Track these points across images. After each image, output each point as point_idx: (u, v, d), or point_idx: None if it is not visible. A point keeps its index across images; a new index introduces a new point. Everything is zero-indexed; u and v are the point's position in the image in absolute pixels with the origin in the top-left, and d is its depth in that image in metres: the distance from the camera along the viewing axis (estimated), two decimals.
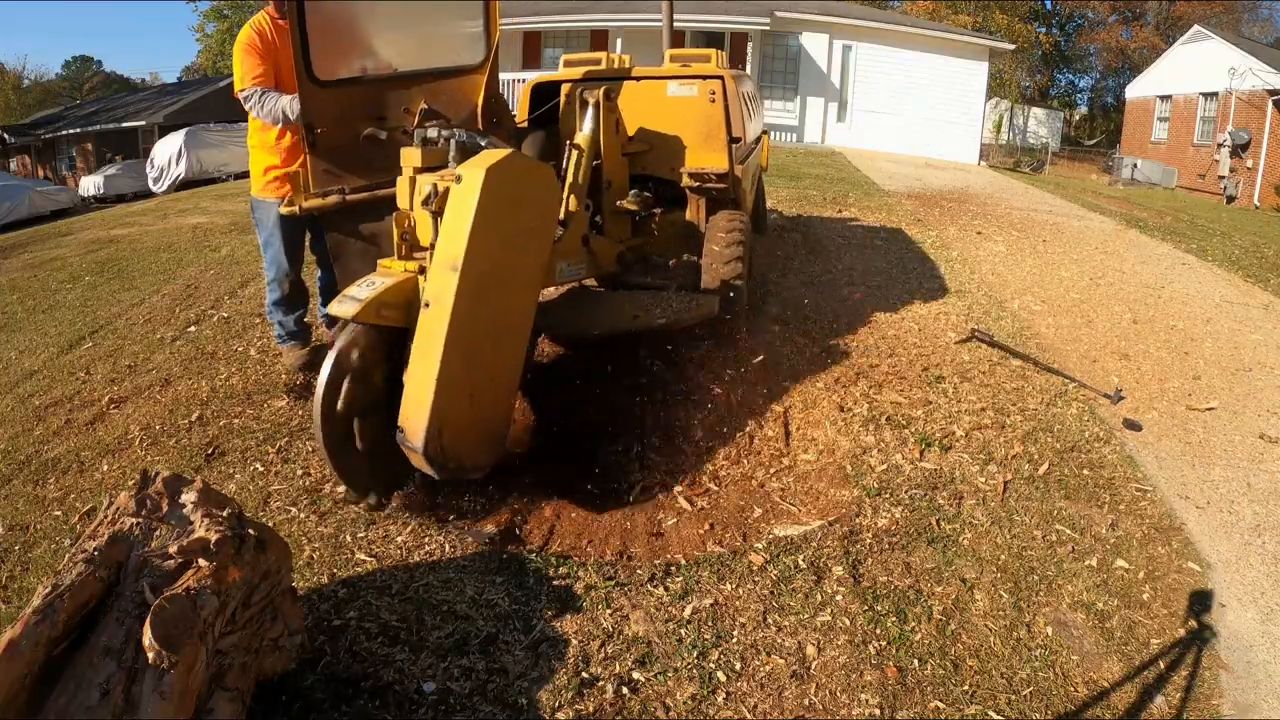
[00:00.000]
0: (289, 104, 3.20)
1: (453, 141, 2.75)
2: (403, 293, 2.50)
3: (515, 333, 2.59)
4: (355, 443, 2.50)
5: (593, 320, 3.25)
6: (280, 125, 3.33)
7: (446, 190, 2.45)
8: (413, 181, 2.64)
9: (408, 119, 3.11)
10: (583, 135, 3.28)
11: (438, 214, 2.47)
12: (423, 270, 2.50)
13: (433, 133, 2.78)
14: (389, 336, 2.52)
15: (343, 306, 2.45)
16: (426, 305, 2.37)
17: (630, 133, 3.70)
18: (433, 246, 2.47)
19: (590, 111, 3.32)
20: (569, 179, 3.19)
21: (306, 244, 3.72)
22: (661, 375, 3.39)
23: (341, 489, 2.83)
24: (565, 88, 3.84)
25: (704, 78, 3.72)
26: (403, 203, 2.67)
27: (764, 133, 5.70)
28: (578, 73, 3.91)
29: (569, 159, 3.22)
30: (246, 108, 3.35)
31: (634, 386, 3.37)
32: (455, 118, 3.22)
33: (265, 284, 3.74)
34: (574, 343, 3.71)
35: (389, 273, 2.56)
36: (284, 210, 3.09)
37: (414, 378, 2.38)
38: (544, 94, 3.99)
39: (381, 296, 2.45)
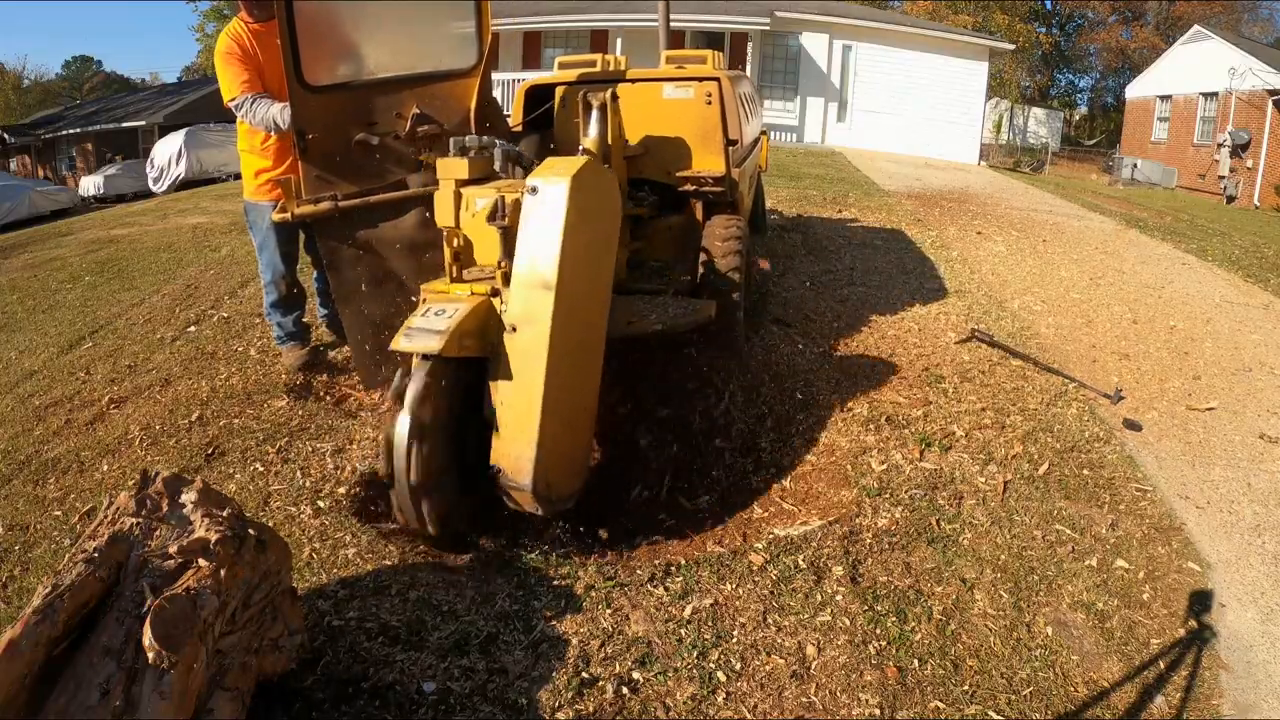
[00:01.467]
0: (279, 112, 3.20)
1: (497, 150, 2.63)
2: (479, 318, 2.28)
3: (595, 350, 2.45)
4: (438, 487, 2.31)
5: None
6: (272, 133, 3.34)
7: (516, 203, 2.28)
8: (458, 195, 2.47)
9: (399, 124, 3.10)
10: (590, 139, 3.24)
11: (507, 229, 2.29)
12: (495, 292, 2.32)
13: (471, 141, 2.64)
14: (462, 369, 2.31)
15: (420, 341, 2.18)
16: (513, 329, 2.22)
17: (626, 136, 3.69)
18: (501, 264, 2.30)
19: (596, 114, 3.30)
20: None
21: (301, 245, 3.73)
22: (660, 377, 3.39)
23: (343, 490, 2.83)
24: (560, 90, 3.82)
25: (700, 79, 3.70)
26: (446, 219, 2.48)
27: (763, 133, 5.69)
28: (572, 75, 3.90)
29: None
30: (238, 115, 3.36)
31: (631, 388, 3.37)
32: (448, 122, 3.19)
33: (262, 286, 3.75)
34: None
35: (452, 297, 2.33)
36: (276, 217, 3.09)
37: (512, 409, 2.22)
38: (539, 97, 3.96)
39: (461, 325, 2.21)
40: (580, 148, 3.17)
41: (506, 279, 2.32)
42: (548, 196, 2.22)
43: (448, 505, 2.36)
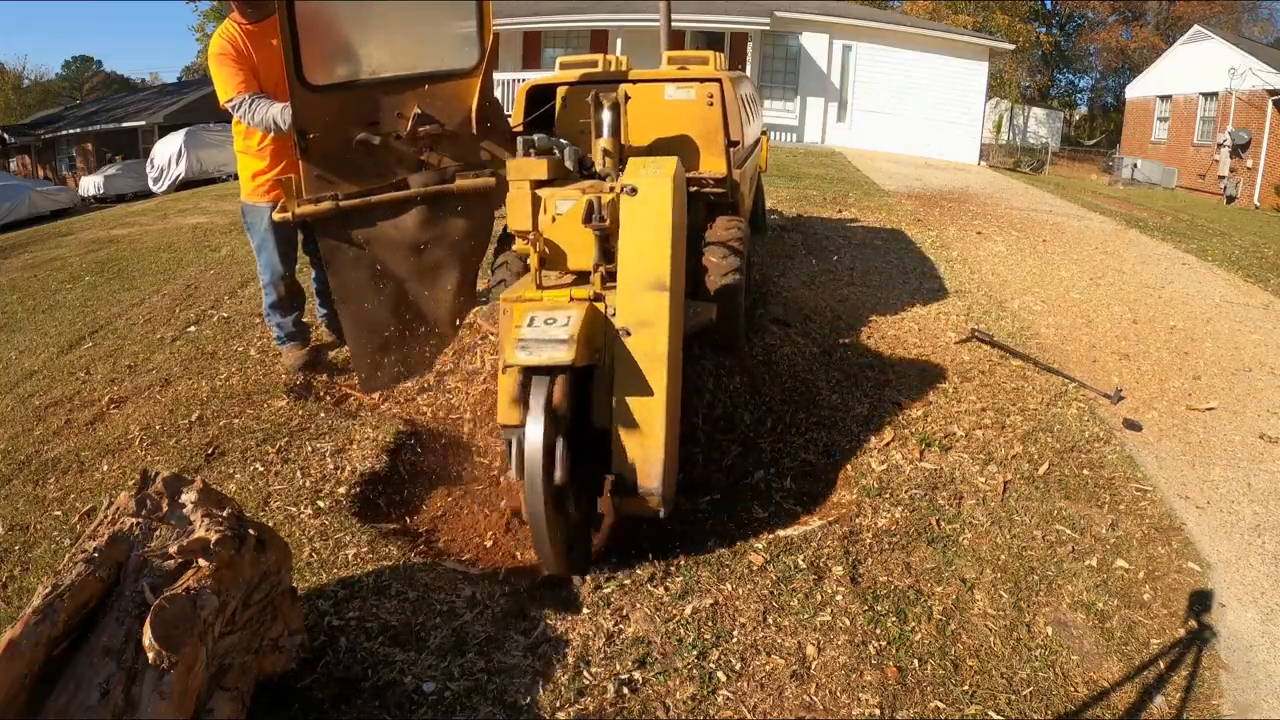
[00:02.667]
0: (279, 113, 3.19)
1: (568, 150, 2.56)
2: (590, 324, 2.19)
3: (680, 349, 2.40)
4: (567, 508, 2.22)
5: None
6: (271, 133, 3.33)
7: (612, 204, 2.22)
8: (536, 198, 2.38)
9: (401, 124, 3.10)
10: (606, 139, 3.18)
11: (607, 231, 2.24)
12: (597, 296, 2.25)
13: (541, 141, 2.56)
14: (578, 378, 2.23)
15: (545, 352, 2.07)
16: (627, 333, 2.19)
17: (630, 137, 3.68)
18: (597, 267, 2.26)
19: (609, 115, 3.27)
20: None
21: (299, 245, 3.72)
22: None
23: (343, 490, 2.83)
24: (562, 90, 3.81)
25: (702, 81, 3.69)
26: (524, 223, 2.38)
27: (763, 133, 5.69)
28: (574, 75, 3.89)
29: (599, 163, 3.11)
30: (236, 116, 3.35)
31: None
32: (449, 122, 3.18)
33: (261, 288, 3.75)
34: None
35: (553, 304, 2.22)
36: (277, 217, 3.08)
37: (635, 414, 2.19)
38: (539, 97, 3.94)
39: (582, 333, 2.13)
40: (601, 148, 3.12)
41: (604, 281, 2.28)
42: (650, 197, 2.19)
43: (572, 525, 2.27)
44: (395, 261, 3.29)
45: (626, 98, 3.24)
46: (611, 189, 2.28)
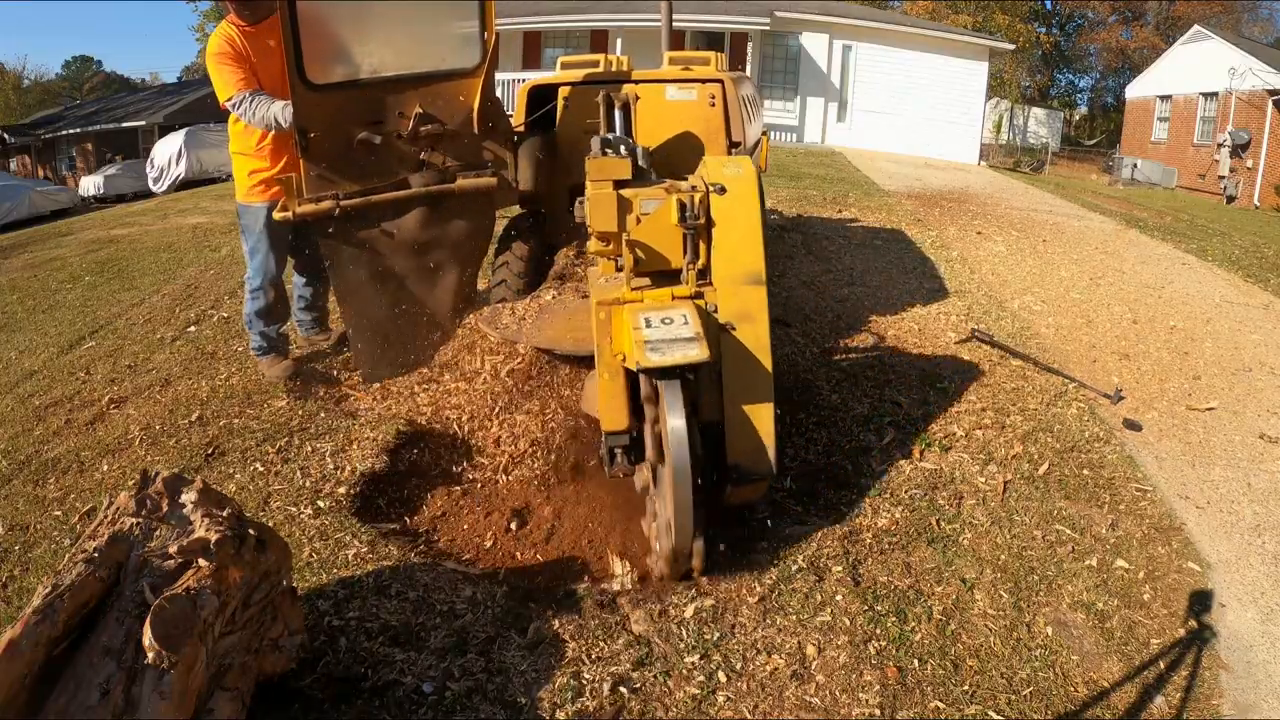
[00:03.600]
0: (280, 111, 3.16)
1: (639, 150, 2.54)
2: (705, 322, 2.21)
3: None
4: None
5: (585, 336, 3.11)
6: (272, 131, 3.29)
7: (703, 202, 2.24)
8: (622, 198, 2.35)
9: (402, 123, 3.09)
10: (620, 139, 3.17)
11: (697, 230, 2.25)
12: (698, 294, 2.27)
13: (614, 140, 2.54)
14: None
15: (680, 351, 2.05)
16: (731, 328, 2.24)
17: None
18: (690, 265, 2.28)
19: (620, 115, 3.24)
20: None
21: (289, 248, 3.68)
22: None
23: (343, 490, 2.83)
24: (564, 91, 3.80)
25: (703, 81, 3.68)
26: (608, 224, 2.35)
27: (764, 134, 5.68)
28: (576, 75, 3.88)
29: None
30: (236, 114, 3.31)
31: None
32: (451, 121, 3.19)
33: (247, 292, 3.64)
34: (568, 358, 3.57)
35: (659, 305, 2.21)
36: (278, 216, 3.05)
37: (747, 405, 2.26)
38: (540, 97, 3.93)
39: (704, 331, 2.14)
40: (589, 156, 3.10)
41: (699, 278, 2.30)
42: (739, 194, 2.25)
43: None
44: (396, 260, 3.30)
45: (636, 98, 3.22)
46: (693, 188, 2.30)
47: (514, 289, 3.51)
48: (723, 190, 2.26)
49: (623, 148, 2.52)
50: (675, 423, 2.08)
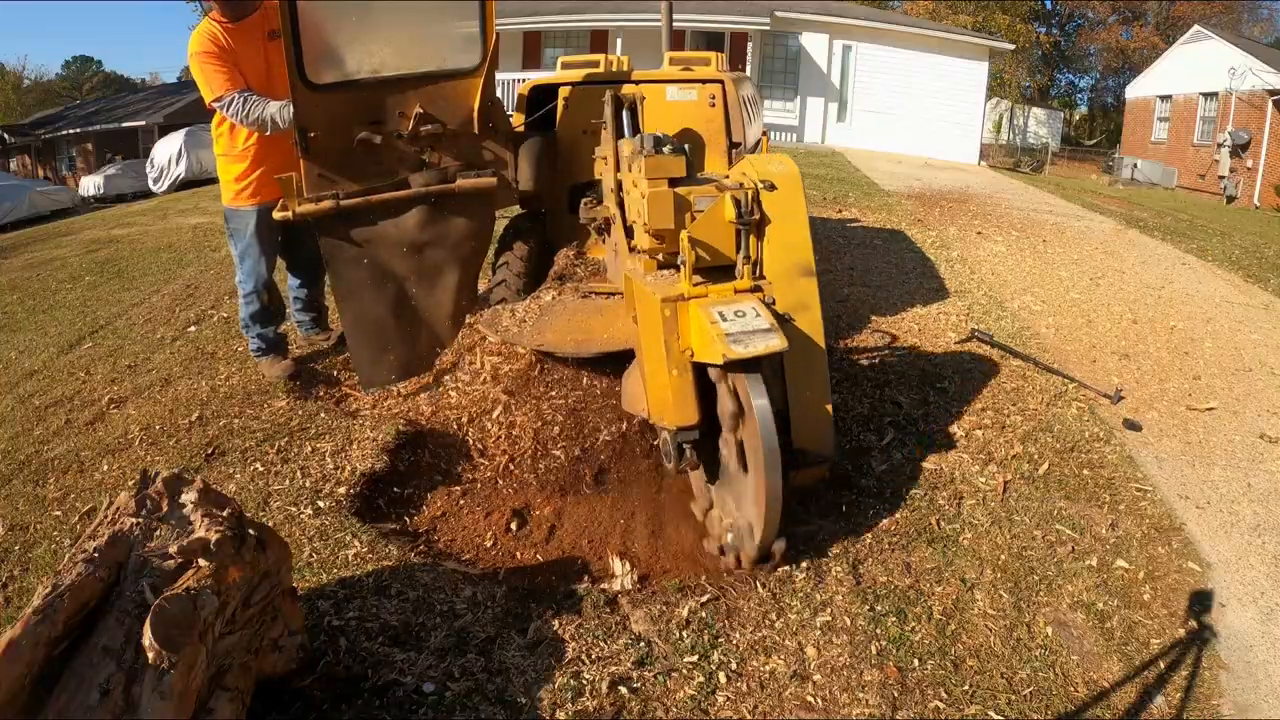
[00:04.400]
0: (279, 110, 3.13)
1: (685, 148, 2.56)
2: (771, 313, 2.26)
3: None
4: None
5: (585, 337, 3.03)
6: (267, 132, 3.26)
7: (755, 198, 2.29)
8: (678, 196, 2.38)
9: (403, 123, 3.09)
10: (629, 140, 3.13)
11: (750, 225, 2.29)
12: (756, 288, 2.30)
13: (665, 138, 2.54)
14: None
15: (762, 341, 2.10)
16: (789, 318, 2.33)
17: None
18: (746, 259, 2.31)
19: (628, 116, 3.22)
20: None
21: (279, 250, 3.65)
22: None
23: (343, 490, 2.83)
24: (564, 90, 3.80)
25: (704, 82, 3.68)
26: (667, 221, 2.38)
27: (763, 134, 5.68)
28: (577, 75, 3.88)
29: (624, 165, 3.08)
30: (225, 114, 3.27)
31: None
32: (451, 121, 3.18)
33: (240, 297, 3.63)
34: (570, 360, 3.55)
35: (725, 299, 2.24)
36: (277, 215, 3.03)
37: (808, 390, 2.36)
38: (540, 98, 3.92)
39: (775, 322, 2.19)
40: (643, 154, 3.06)
41: (753, 272, 2.34)
42: (788, 191, 2.38)
43: None
44: (396, 261, 3.29)
45: (642, 98, 3.22)
46: (741, 185, 2.35)
47: (514, 289, 3.51)
48: (772, 187, 2.35)
49: (667, 147, 2.52)
50: (763, 412, 2.11)
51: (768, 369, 2.25)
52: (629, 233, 2.84)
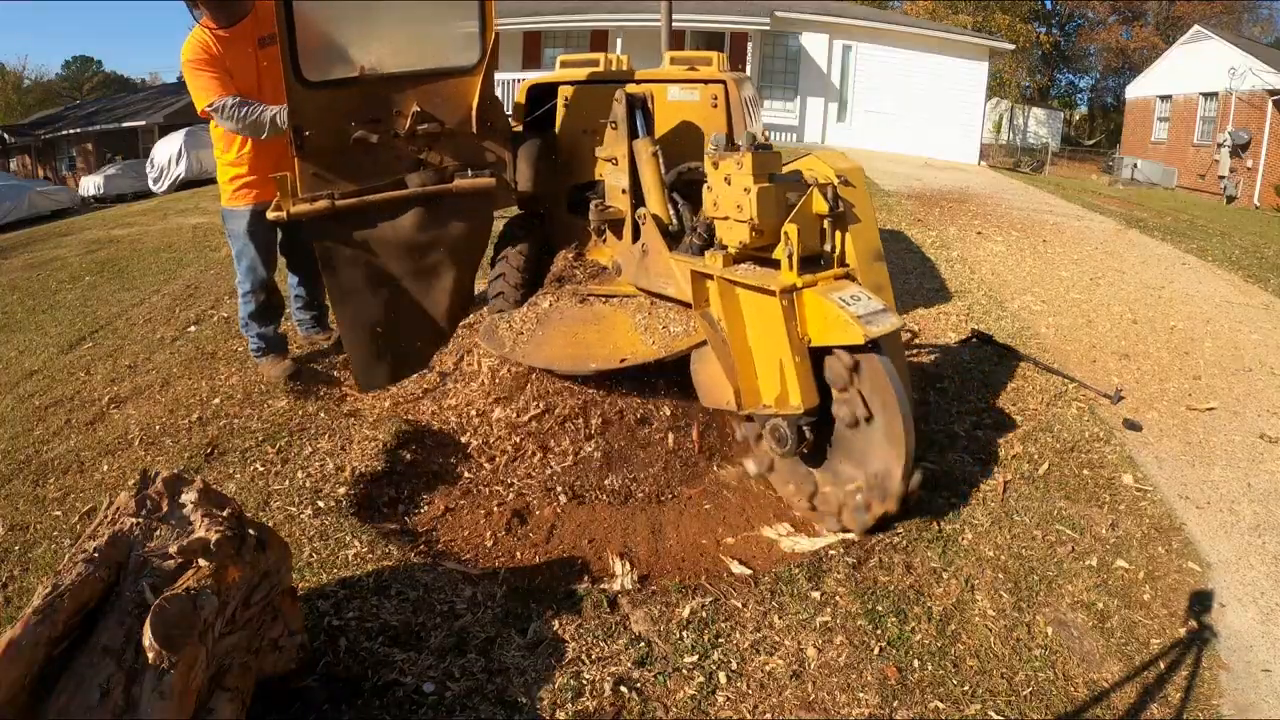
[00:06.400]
0: (278, 114, 3.12)
1: (773, 147, 2.73)
2: None
3: None
4: None
5: (584, 353, 3.05)
6: (264, 136, 3.25)
7: (835, 191, 2.56)
8: (779, 191, 2.57)
9: (400, 122, 3.07)
10: (647, 139, 3.12)
11: (837, 217, 2.57)
12: (848, 274, 2.57)
13: (754, 135, 2.69)
14: None
15: (887, 320, 2.39)
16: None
17: None
18: (827, 248, 2.60)
19: (641, 115, 3.17)
20: (654, 184, 3.05)
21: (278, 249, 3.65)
22: (660, 378, 3.38)
23: (343, 490, 2.83)
24: (564, 90, 3.78)
25: (706, 82, 3.66)
26: (772, 215, 2.56)
27: (763, 136, 5.66)
28: (577, 74, 3.85)
29: (647, 163, 3.07)
30: (219, 120, 3.28)
31: (627, 386, 3.36)
32: (449, 120, 3.16)
33: (239, 296, 3.65)
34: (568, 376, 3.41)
35: (837, 284, 2.50)
36: (271, 215, 3.00)
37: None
38: (539, 97, 3.90)
39: (884, 302, 2.48)
40: (649, 151, 3.06)
41: (839, 261, 2.63)
42: (859, 183, 2.61)
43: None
44: (392, 262, 3.26)
45: (650, 97, 3.22)
46: (817, 181, 2.58)
47: (512, 291, 3.50)
48: (848, 182, 2.57)
49: (757, 143, 2.67)
50: (896, 380, 2.37)
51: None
52: (679, 232, 2.99)
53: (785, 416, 2.55)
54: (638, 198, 3.12)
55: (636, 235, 3.11)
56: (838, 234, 2.60)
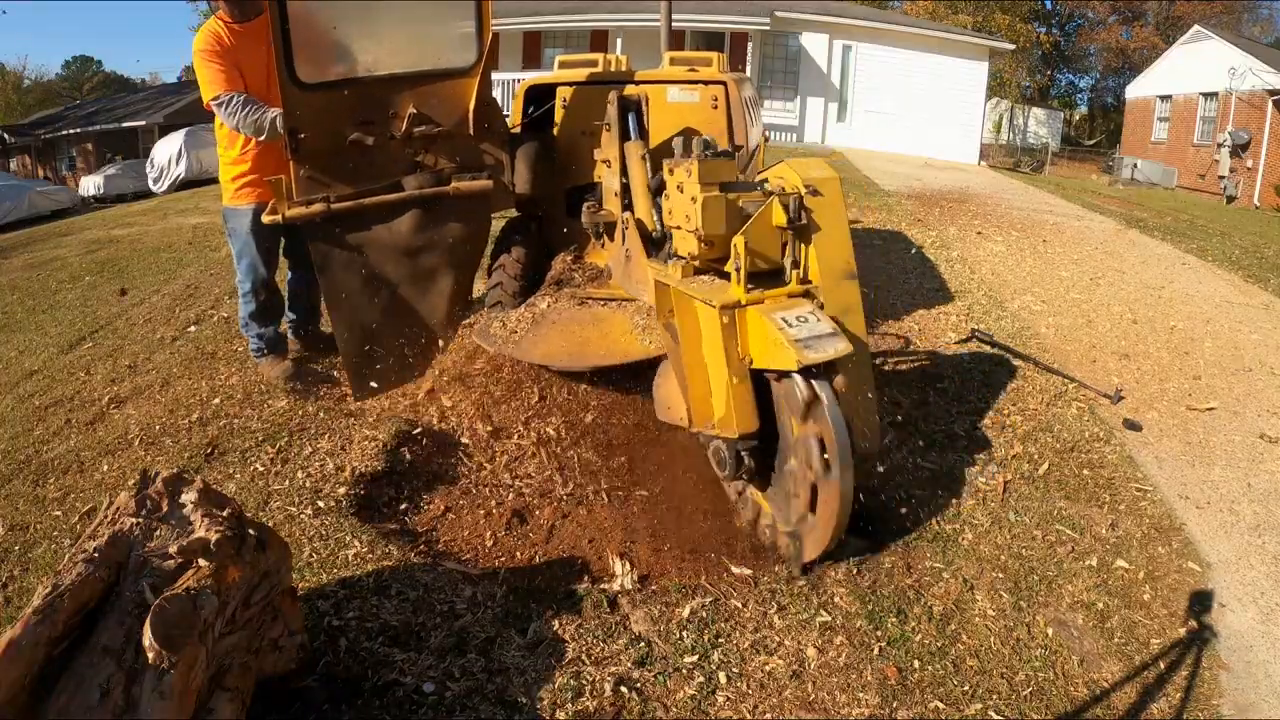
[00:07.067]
0: (279, 117, 3.07)
1: (733, 154, 2.62)
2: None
3: None
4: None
5: (581, 350, 3.03)
6: (263, 138, 3.22)
7: (801, 203, 2.32)
8: (730, 201, 2.41)
9: (396, 124, 3.05)
10: (638, 142, 3.09)
11: (797, 230, 2.33)
12: (806, 292, 2.36)
13: (712, 143, 2.54)
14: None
15: (830, 345, 2.15)
16: (837, 321, 2.31)
17: None
18: (795, 264, 2.37)
19: (635, 117, 3.15)
20: (641, 187, 3.00)
21: (280, 249, 3.62)
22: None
23: (343, 490, 2.83)
24: (563, 90, 3.76)
25: (706, 83, 3.64)
26: (719, 226, 2.39)
27: (763, 137, 5.66)
28: (577, 75, 3.84)
29: (635, 166, 3.03)
30: (221, 114, 3.23)
31: (627, 385, 3.37)
32: (446, 122, 3.14)
33: (239, 296, 3.61)
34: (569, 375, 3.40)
35: (786, 303, 2.29)
36: (266, 218, 2.96)
37: (858, 389, 2.35)
38: (538, 97, 3.88)
39: (835, 325, 2.24)
40: (638, 154, 3.03)
41: (800, 279, 2.40)
42: (830, 195, 2.36)
43: None
44: (389, 266, 3.23)
45: (646, 99, 3.19)
46: (781, 190, 2.36)
47: (510, 294, 3.48)
48: (816, 192, 2.34)
49: (713, 150, 2.52)
50: (837, 417, 2.17)
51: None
52: (661, 239, 2.83)
53: (725, 439, 2.42)
54: (629, 201, 3.08)
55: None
56: (801, 248, 2.39)
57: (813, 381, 2.21)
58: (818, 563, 2.40)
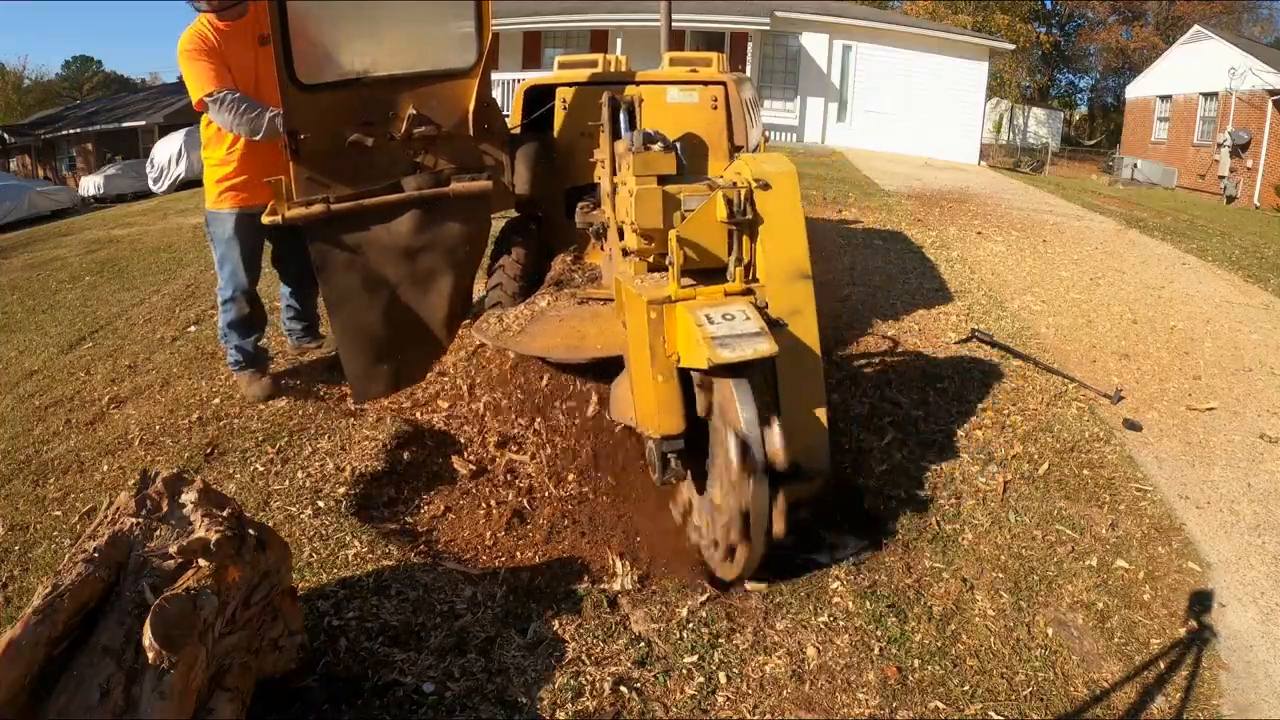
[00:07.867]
0: (278, 116, 3.04)
1: (677, 146, 2.47)
2: (763, 317, 2.16)
3: None
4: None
5: (579, 343, 2.97)
6: (259, 138, 3.19)
7: (749, 197, 2.22)
8: (668, 194, 2.29)
9: (395, 124, 3.05)
10: (625, 141, 3.08)
11: (742, 226, 2.23)
12: (748, 290, 2.24)
13: (657, 135, 2.46)
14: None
15: (749, 345, 1.99)
16: (782, 324, 2.22)
17: None
18: (739, 261, 2.26)
19: (627, 117, 3.16)
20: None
21: (263, 256, 3.56)
22: None
23: (343, 490, 2.83)
24: (565, 91, 3.75)
25: (706, 83, 3.64)
26: (655, 220, 2.28)
27: (764, 138, 5.66)
28: (578, 75, 3.83)
29: (619, 167, 2.98)
30: (214, 112, 3.18)
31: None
32: (446, 123, 3.13)
33: (219, 304, 3.51)
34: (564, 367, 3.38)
35: (714, 301, 2.15)
36: (266, 219, 2.93)
37: (801, 400, 2.24)
38: (538, 97, 3.88)
39: (765, 325, 2.09)
40: (632, 151, 3.03)
41: (745, 275, 2.29)
42: (783, 189, 2.25)
43: None
44: (389, 267, 3.23)
45: (640, 100, 3.18)
46: (734, 185, 2.27)
47: (509, 295, 3.47)
48: (766, 186, 2.25)
49: (658, 144, 2.43)
50: (750, 421, 2.00)
51: (758, 377, 2.16)
52: (620, 234, 2.78)
53: (653, 440, 2.29)
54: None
55: None
56: (748, 245, 2.27)
57: (731, 383, 2.04)
58: (738, 584, 2.29)
